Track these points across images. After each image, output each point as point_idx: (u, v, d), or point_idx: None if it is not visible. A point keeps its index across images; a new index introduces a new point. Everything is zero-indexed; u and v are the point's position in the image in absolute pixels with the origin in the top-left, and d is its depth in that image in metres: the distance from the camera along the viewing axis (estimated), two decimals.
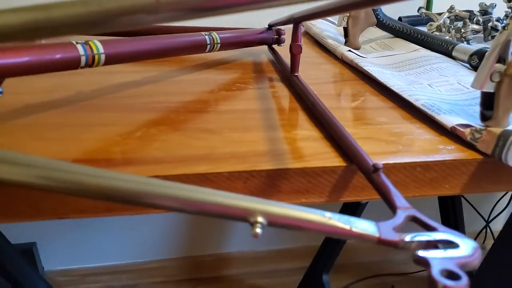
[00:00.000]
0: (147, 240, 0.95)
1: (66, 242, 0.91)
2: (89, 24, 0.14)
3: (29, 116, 0.32)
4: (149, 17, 0.14)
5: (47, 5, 0.14)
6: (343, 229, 0.16)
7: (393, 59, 0.47)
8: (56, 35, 0.14)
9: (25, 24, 0.14)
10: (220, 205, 0.16)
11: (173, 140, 0.27)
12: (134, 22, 0.14)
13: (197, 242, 0.98)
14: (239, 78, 0.43)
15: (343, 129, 0.26)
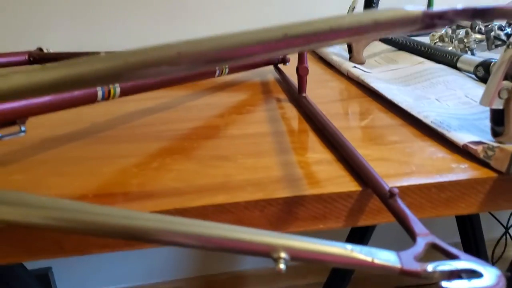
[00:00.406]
0: (160, 260, 0.96)
1: (81, 265, 0.92)
2: (115, 77, 0.15)
3: (48, 151, 0.32)
4: (171, 68, 0.14)
5: (77, 62, 0.15)
6: (365, 261, 0.16)
7: (399, 73, 0.48)
8: (85, 87, 0.15)
9: (57, 80, 0.15)
10: (242, 242, 0.17)
11: (189, 170, 0.28)
12: (157, 73, 0.15)
13: (210, 261, 0.98)
14: (249, 100, 0.44)
15: (355, 151, 0.27)
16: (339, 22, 0.13)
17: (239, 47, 0.14)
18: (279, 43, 0.14)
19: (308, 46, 0.14)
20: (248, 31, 0.14)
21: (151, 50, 0.15)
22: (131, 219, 0.17)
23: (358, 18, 0.13)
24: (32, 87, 0.16)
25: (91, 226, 0.18)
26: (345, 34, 0.13)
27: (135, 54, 0.15)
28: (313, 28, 0.13)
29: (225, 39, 0.14)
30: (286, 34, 0.13)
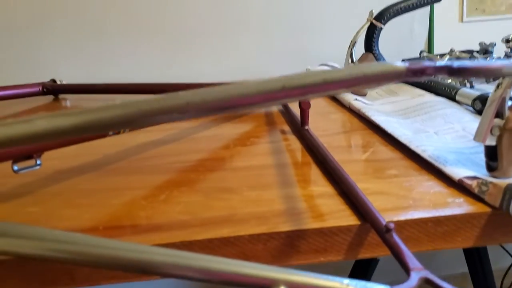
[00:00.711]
0: None
1: None
2: (130, 123, 0.16)
3: (61, 183, 0.34)
4: (181, 116, 0.16)
5: (95, 109, 0.16)
6: None
7: (399, 105, 0.49)
8: (102, 132, 0.17)
9: (76, 125, 0.16)
10: (244, 276, 0.18)
11: (195, 202, 0.29)
12: (168, 120, 0.16)
13: None
14: (253, 132, 0.45)
15: (355, 185, 0.28)
16: (332, 75, 0.15)
17: (241, 97, 0.15)
18: (278, 94, 0.15)
19: (304, 97, 0.15)
20: (249, 82, 0.16)
21: (163, 100, 0.16)
22: (138, 253, 0.19)
23: (349, 71, 0.15)
24: (54, 131, 0.17)
25: (100, 259, 0.19)
26: (337, 86, 0.15)
27: (148, 103, 0.16)
28: (308, 80, 0.15)
29: (229, 90, 0.16)
30: (284, 86, 0.15)
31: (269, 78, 0.15)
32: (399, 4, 0.51)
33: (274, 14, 0.79)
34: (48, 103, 0.70)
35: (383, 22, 0.51)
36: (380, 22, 0.51)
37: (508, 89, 0.26)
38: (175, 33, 0.79)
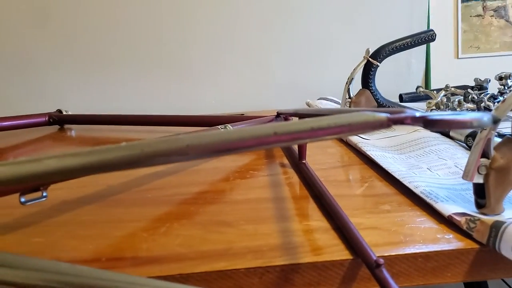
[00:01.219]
0: None
1: None
2: (134, 164, 0.18)
3: (65, 214, 0.35)
4: (181, 158, 0.17)
5: (101, 150, 0.18)
6: None
7: (395, 140, 0.51)
8: (108, 171, 0.18)
9: (84, 165, 0.18)
10: None
11: (194, 236, 0.30)
12: (168, 161, 0.18)
13: None
14: (252, 165, 0.46)
15: (348, 221, 0.29)
16: (318, 123, 0.16)
17: (237, 141, 0.17)
18: (270, 139, 0.17)
19: (293, 142, 0.17)
20: (244, 128, 0.17)
21: (163, 142, 0.18)
22: (139, 286, 0.20)
23: (335, 121, 0.16)
24: (62, 171, 0.19)
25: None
26: (323, 133, 0.16)
27: (150, 145, 0.18)
28: (297, 127, 0.16)
29: (226, 135, 0.17)
30: (275, 132, 0.16)
31: (262, 125, 0.17)
32: (394, 43, 0.54)
33: (275, 49, 0.82)
34: (54, 132, 0.72)
35: (379, 60, 0.53)
36: (376, 60, 0.53)
37: (492, 131, 0.28)
38: (178, 66, 0.82)
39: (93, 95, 0.82)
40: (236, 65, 0.83)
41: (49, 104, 0.80)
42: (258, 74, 0.83)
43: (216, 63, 0.82)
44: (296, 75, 0.83)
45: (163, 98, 0.83)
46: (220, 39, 0.81)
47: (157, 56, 0.81)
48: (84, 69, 0.81)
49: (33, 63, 0.79)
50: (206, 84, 0.83)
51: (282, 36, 0.82)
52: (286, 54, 0.83)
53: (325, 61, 0.82)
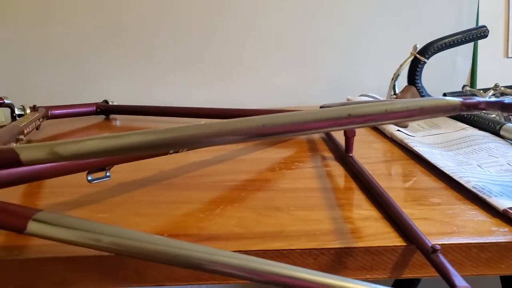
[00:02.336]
0: None
1: None
2: (211, 140, 0.19)
3: (124, 194, 0.37)
4: (256, 137, 0.19)
5: (180, 128, 0.19)
6: None
7: (441, 138, 0.50)
8: (185, 147, 0.20)
9: (163, 141, 0.19)
10: (303, 280, 0.20)
11: (248, 218, 0.32)
12: (244, 139, 0.19)
13: None
14: (297, 157, 0.47)
15: (400, 210, 0.30)
16: (392, 106, 0.17)
17: (311, 122, 0.18)
18: (344, 120, 0.18)
19: (366, 124, 0.18)
20: (319, 110, 0.18)
21: (241, 122, 0.19)
22: (209, 254, 0.21)
23: (408, 104, 0.17)
24: (144, 145, 0.20)
25: (162, 256, 0.21)
26: (396, 116, 0.17)
27: (228, 124, 0.19)
28: (371, 110, 0.17)
29: (301, 115, 0.18)
30: (350, 114, 0.17)
31: (336, 107, 0.18)
32: (443, 40, 0.53)
33: (318, 45, 0.83)
34: (100, 122, 0.76)
35: (426, 57, 0.53)
36: (424, 57, 0.53)
37: None
38: (222, 60, 0.84)
39: (138, 87, 0.86)
40: (279, 61, 0.84)
41: (96, 95, 0.84)
42: (300, 71, 0.84)
43: (259, 58, 0.84)
44: (338, 71, 0.83)
45: (206, 92, 0.85)
46: (264, 35, 0.83)
47: (202, 50, 0.83)
48: (130, 63, 0.84)
49: (84, 55, 0.83)
50: (249, 79, 0.84)
51: (325, 32, 0.82)
52: (329, 49, 0.83)
53: (368, 57, 0.82)
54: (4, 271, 0.27)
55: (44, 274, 0.27)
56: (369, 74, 0.82)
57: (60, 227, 0.23)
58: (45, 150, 0.22)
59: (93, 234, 0.22)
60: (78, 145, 0.21)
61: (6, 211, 0.24)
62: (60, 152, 0.22)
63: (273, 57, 0.84)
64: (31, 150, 0.22)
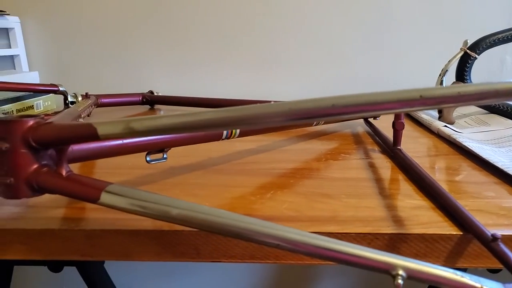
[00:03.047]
0: None
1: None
2: (281, 119, 0.20)
3: (176, 176, 0.39)
4: (324, 117, 0.19)
5: (250, 107, 0.20)
6: (474, 287, 0.19)
7: (491, 135, 0.49)
8: (253, 125, 0.21)
9: (233, 119, 0.20)
10: (367, 259, 0.20)
11: (299, 203, 0.32)
12: (312, 120, 0.20)
13: None
14: (343, 149, 0.48)
15: (454, 200, 0.29)
16: (465, 89, 0.17)
17: (382, 103, 0.19)
18: (415, 102, 0.18)
19: (437, 106, 0.18)
20: (389, 91, 0.19)
21: (310, 102, 0.20)
22: (276, 230, 0.22)
23: (482, 87, 0.17)
24: (216, 122, 0.22)
25: (233, 230, 0.22)
26: (469, 98, 0.17)
27: (297, 104, 0.20)
28: (444, 92, 0.18)
29: (371, 96, 0.19)
30: (421, 96, 0.18)
31: (407, 89, 0.18)
32: (496, 35, 0.52)
33: (359, 40, 0.82)
34: (145, 111, 0.78)
35: (477, 52, 0.52)
36: (475, 52, 0.52)
37: None
38: (263, 55, 0.85)
39: (183, 79, 0.88)
40: (319, 56, 0.84)
41: (142, 85, 0.87)
42: (339, 66, 0.84)
43: (299, 55, 0.84)
44: (377, 67, 0.83)
45: (247, 85, 0.86)
46: (304, 31, 0.83)
47: (244, 44, 0.84)
48: (176, 54, 0.87)
49: (131, 48, 0.86)
50: (288, 75, 0.85)
51: (368, 27, 0.81)
52: (372, 45, 0.82)
53: (413, 53, 0.81)
54: (71, 241, 0.29)
55: (108, 245, 0.29)
56: (414, 70, 0.81)
57: (131, 199, 0.24)
58: (121, 126, 0.23)
59: (161, 206, 0.24)
60: (154, 121, 0.23)
61: (82, 183, 0.25)
62: (135, 127, 0.23)
63: (314, 51, 0.84)
64: (108, 126, 0.24)
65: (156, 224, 0.29)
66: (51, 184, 0.25)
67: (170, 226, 0.28)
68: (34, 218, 0.30)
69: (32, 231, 0.29)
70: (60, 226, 0.29)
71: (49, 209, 0.32)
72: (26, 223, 0.29)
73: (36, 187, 0.25)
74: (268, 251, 0.28)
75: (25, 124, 0.24)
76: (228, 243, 0.28)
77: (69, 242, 0.29)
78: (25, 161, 0.25)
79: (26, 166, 0.25)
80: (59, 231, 0.29)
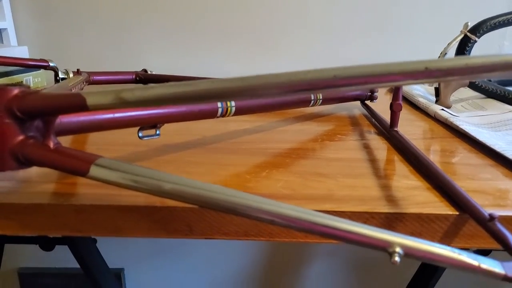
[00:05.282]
0: (223, 279, 0.99)
1: (150, 271, 0.98)
2: (281, 91, 0.19)
3: (169, 154, 0.38)
4: (328, 90, 0.19)
5: (251, 77, 0.19)
6: (471, 264, 0.19)
7: (487, 119, 0.49)
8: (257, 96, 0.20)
9: (231, 89, 0.20)
10: (364, 236, 0.20)
11: (294, 181, 0.32)
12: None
13: (270, 285, 1.00)
14: (339, 130, 0.47)
15: (451, 181, 0.29)
16: (473, 60, 0.17)
17: (385, 75, 0.18)
18: (420, 74, 0.17)
19: (443, 79, 0.17)
20: (394, 62, 0.18)
21: (312, 72, 0.19)
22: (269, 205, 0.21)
23: (492, 59, 0.16)
24: (215, 92, 0.21)
25: (227, 205, 0.22)
26: (477, 70, 0.17)
27: (297, 75, 0.19)
28: (451, 63, 0.17)
29: (374, 68, 0.18)
30: (426, 68, 0.17)
31: (412, 60, 0.18)
32: (497, 18, 0.51)
33: (358, 22, 0.81)
34: None
35: (478, 35, 0.51)
36: (475, 35, 0.51)
37: None
38: (263, 36, 0.83)
39: (177, 57, 0.86)
40: (316, 39, 0.83)
41: (135, 64, 0.86)
42: (338, 47, 0.83)
43: (298, 37, 0.83)
44: (377, 49, 0.82)
45: (243, 65, 0.85)
46: (303, 12, 0.81)
47: (242, 24, 0.83)
48: (170, 33, 0.85)
49: (125, 25, 0.84)
50: (287, 56, 0.84)
51: (364, 8, 0.80)
52: (368, 27, 0.81)
53: (411, 35, 0.80)
54: (59, 216, 0.29)
55: (99, 221, 0.29)
56: (414, 52, 0.80)
57: (122, 172, 0.23)
58: (111, 96, 0.22)
59: (154, 181, 0.23)
60: (146, 92, 0.22)
61: (70, 155, 0.25)
62: (126, 98, 0.22)
63: (313, 32, 0.83)
64: (98, 96, 0.23)
65: (148, 200, 0.28)
66: (38, 156, 0.24)
67: (163, 202, 0.28)
68: (22, 192, 0.29)
69: (19, 205, 0.28)
70: (49, 201, 0.28)
71: (38, 184, 0.31)
72: (13, 198, 0.29)
73: (22, 160, 0.24)
74: (262, 229, 0.28)
75: (10, 93, 0.23)
76: (222, 220, 0.28)
77: (58, 217, 0.29)
78: (10, 131, 0.24)
79: (11, 137, 0.24)
80: (48, 206, 0.28)
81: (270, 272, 0.99)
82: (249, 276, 0.99)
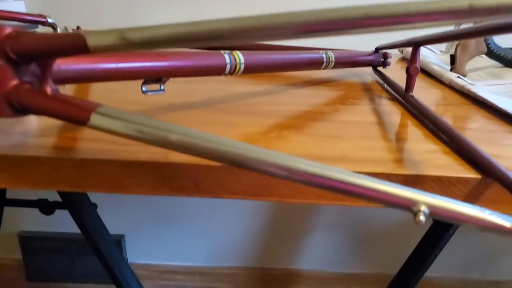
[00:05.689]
0: (223, 246, 0.99)
1: (151, 238, 0.98)
2: (305, 30, 0.17)
3: (175, 113, 0.36)
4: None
5: (261, 16, 0.18)
6: (502, 226, 0.17)
7: (505, 88, 0.47)
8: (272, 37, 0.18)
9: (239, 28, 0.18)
10: (388, 194, 0.18)
11: (306, 142, 0.30)
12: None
13: (269, 254, 1.00)
14: (351, 94, 0.45)
15: (473, 144, 0.27)
16: None
17: (422, 14, 0.16)
18: (462, 13, 0.15)
19: (489, 18, 0.15)
20: (431, 0, 0.16)
21: (340, 11, 0.17)
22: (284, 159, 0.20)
23: None
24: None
25: (236, 158, 0.20)
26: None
27: (322, 13, 0.17)
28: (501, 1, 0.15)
29: (409, 5, 0.16)
30: (471, 5, 0.15)
31: None
32: None
33: None
34: None
35: None
36: None
37: None
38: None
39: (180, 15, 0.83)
40: None
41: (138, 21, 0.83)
42: None
43: None
44: None
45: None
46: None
47: None
48: None
49: None
50: None
51: None
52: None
53: None
54: (58, 170, 0.27)
55: (99, 176, 0.27)
56: None
57: (125, 121, 0.22)
58: (114, 35, 0.20)
59: (160, 131, 0.21)
60: (152, 31, 0.20)
61: (69, 102, 0.23)
62: (131, 38, 0.20)
63: None
64: (99, 35, 0.21)
65: (153, 156, 0.26)
66: (35, 103, 0.22)
67: (169, 158, 0.26)
68: (19, 145, 0.28)
69: (16, 158, 0.27)
70: (47, 154, 0.27)
71: (37, 137, 0.29)
72: (10, 150, 0.27)
73: (18, 106, 0.23)
74: (272, 189, 0.26)
75: (2, 32, 0.21)
76: (230, 179, 0.26)
77: (56, 171, 0.27)
78: (3, 74, 0.22)
79: (5, 81, 0.22)
80: (46, 159, 0.27)
81: (270, 240, 0.99)
82: (249, 243, 0.99)
